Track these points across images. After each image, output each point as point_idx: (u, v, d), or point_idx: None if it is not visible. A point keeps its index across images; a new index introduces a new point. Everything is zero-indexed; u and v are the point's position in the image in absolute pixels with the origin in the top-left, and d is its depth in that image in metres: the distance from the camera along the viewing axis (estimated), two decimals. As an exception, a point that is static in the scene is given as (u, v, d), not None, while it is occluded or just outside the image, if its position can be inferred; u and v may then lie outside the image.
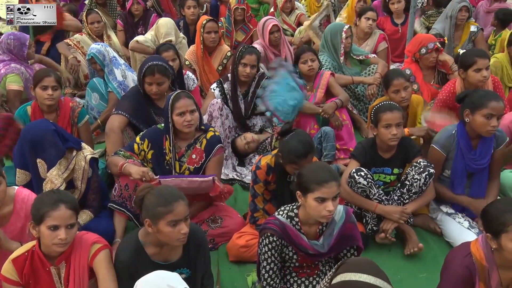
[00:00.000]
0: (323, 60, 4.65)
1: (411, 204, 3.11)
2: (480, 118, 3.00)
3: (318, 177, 2.28)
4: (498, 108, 2.97)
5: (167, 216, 2.16)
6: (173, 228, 2.17)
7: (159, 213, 2.17)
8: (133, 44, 5.31)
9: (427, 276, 2.92)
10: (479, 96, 3.03)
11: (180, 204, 2.18)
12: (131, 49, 5.36)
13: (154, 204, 2.19)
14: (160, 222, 2.17)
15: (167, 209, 2.16)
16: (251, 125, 4.27)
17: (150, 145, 3.22)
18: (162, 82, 3.63)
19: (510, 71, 4.50)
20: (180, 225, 2.18)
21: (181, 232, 2.18)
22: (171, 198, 2.18)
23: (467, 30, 5.32)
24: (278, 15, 6.07)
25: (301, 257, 2.50)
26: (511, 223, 1.98)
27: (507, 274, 2.12)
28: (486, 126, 2.99)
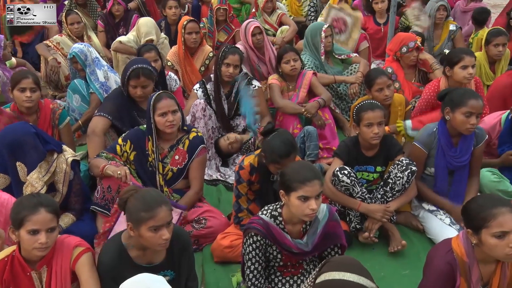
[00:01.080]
0: (305, 60, 4.67)
1: (394, 202, 3.14)
2: (460, 116, 3.04)
3: (300, 176, 2.28)
4: (477, 106, 3.01)
5: (149, 221, 2.13)
6: (155, 233, 2.15)
7: (141, 218, 2.14)
8: (116, 44, 5.26)
9: (410, 272, 2.94)
10: (458, 94, 3.08)
11: (162, 210, 2.15)
12: (114, 50, 5.31)
13: (136, 208, 2.17)
14: (142, 227, 2.15)
15: (149, 214, 2.13)
16: (235, 126, 4.27)
17: (133, 146, 3.20)
18: (146, 85, 3.60)
19: (488, 70, 4.59)
20: (162, 230, 2.15)
21: (162, 237, 2.15)
22: (153, 204, 2.15)
23: (446, 29, 5.40)
24: (260, 15, 6.07)
25: (285, 256, 2.50)
26: (491, 218, 2.01)
27: (487, 268, 2.15)
28: (466, 124, 3.04)
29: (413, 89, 4.47)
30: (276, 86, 4.29)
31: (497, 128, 3.44)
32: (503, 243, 1.99)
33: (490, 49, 4.51)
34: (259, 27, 4.98)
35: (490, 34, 4.50)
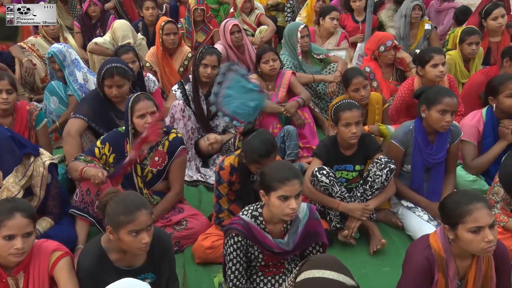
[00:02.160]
0: (284, 59, 4.69)
1: (373, 200, 3.17)
2: (435, 114, 3.09)
3: (280, 176, 2.29)
4: (452, 104, 3.07)
5: (128, 225, 2.11)
6: (135, 237, 2.13)
7: (120, 221, 2.12)
8: (91, 46, 5.20)
9: (390, 269, 2.98)
10: (433, 92, 3.13)
11: (142, 214, 2.13)
12: (89, 51, 5.25)
13: (115, 212, 2.14)
14: (121, 230, 2.13)
15: (128, 218, 2.11)
16: (214, 126, 4.26)
17: (112, 148, 3.17)
18: (122, 84, 3.57)
19: (463, 68, 4.67)
20: (142, 234, 2.13)
21: (142, 241, 2.13)
22: (133, 207, 2.13)
23: (421, 28, 5.48)
24: (238, 15, 6.07)
25: (266, 256, 2.51)
26: (467, 214, 2.04)
27: (463, 263, 2.18)
28: (441, 121, 3.09)
29: (391, 88, 4.52)
30: (255, 86, 4.29)
31: (481, 123, 3.51)
32: (479, 238, 2.02)
33: (464, 47, 4.60)
34: (238, 25, 4.99)
35: (463, 33, 4.58)
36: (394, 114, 4.09)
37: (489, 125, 3.47)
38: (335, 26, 5.37)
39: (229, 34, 4.94)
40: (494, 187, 2.97)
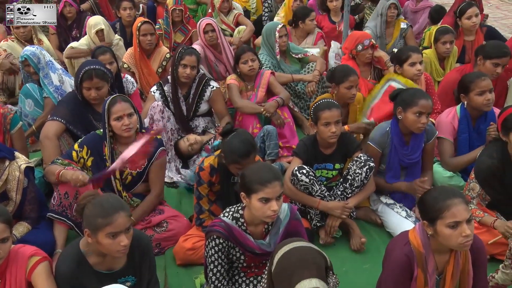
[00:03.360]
0: (263, 59, 4.69)
1: (353, 198, 3.19)
2: (411, 116, 3.13)
3: (261, 178, 2.28)
4: (427, 106, 3.13)
5: (106, 228, 2.09)
6: (113, 240, 2.11)
7: (98, 224, 2.10)
8: (68, 51, 5.12)
9: (371, 266, 3.00)
10: (409, 94, 3.17)
11: (120, 216, 2.11)
12: (67, 57, 5.16)
13: (93, 214, 2.12)
14: (99, 233, 2.11)
15: (106, 221, 2.09)
16: (194, 127, 4.24)
17: (90, 152, 3.13)
18: (101, 86, 3.53)
19: (438, 66, 4.74)
20: (120, 237, 2.11)
21: (120, 244, 2.11)
22: (111, 210, 2.11)
23: (397, 27, 5.54)
24: (216, 16, 6.05)
25: (248, 258, 2.50)
26: (445, 209, 2.07)
27: (442, 258, 2.21)
28: (417, 123, 3.14)
29: (369, 87, 4.55)
30: (234, 86, 4.29)
31: (456, 119, 3.56)
32: (457, 232, 2.05)
33: (438, 46, 4.67)
34: (211, 24, 4.97)
35: (438, 32, 4.66)
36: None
37: (464, 122, 3.53)
38: (315, 26, 5.41)
39: (203, 33, 4.93)
40: (470, 183, 3.02)
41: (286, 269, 1.85)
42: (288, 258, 1.87)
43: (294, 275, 1.81)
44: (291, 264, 1.85)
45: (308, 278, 1.80)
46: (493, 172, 2.90)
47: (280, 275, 1.86)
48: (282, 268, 1.86)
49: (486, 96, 3.38)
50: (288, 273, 1.83)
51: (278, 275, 1.88)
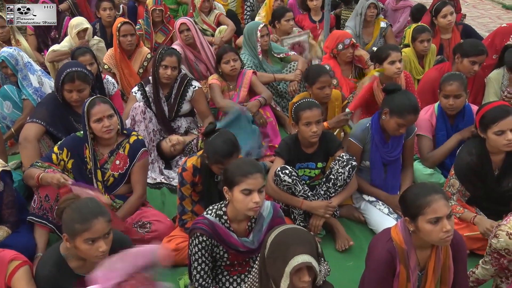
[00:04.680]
0: (244, 59, 4.69)
1: (336, 197, 3.21)
2: (393, 124, 3.16)
3: (242, 170, 2.32)
4: (412, 121, 3.18)
5: (84, 234, 2.07)
6: (91, 245, 2.09)
7: (75, 229, 2.07)
8: (50, 55, 5.03)
9: (354, 264, 3.02)
10: (401, 103, 3.13)
11: (99, 222, 2.08)
12: (49, 61, 5.07)
13: (71, 219, 2.09)
14: (77, 239, 2.08)
15: (84, 226, 2.06)
16: (176, 127, 4.22)
17: (70, 154, 3.10)
18: (82, 89, 3.49)
19: (417, 65, 4.80)
20: (98, 242, 2.09)
21: (99, 250, 2.09)
22: (89, 215, 2.08)
23: (377, 27, 5.60)
24: (197, 16, 6.02)
25: (232, 255, 2.51)
26: (426, 205, 2.09)
27: (423, 254, 2.24)
28: (395, 131, 3.19)
29: (350, 85, 4.60)
30: (216, 86, 4.28)
31: (434, 117, 3.61)
32: (438, 228, 2.08)
33: (416, 45, 4.73)
34: (186, 23, 4.95)
35: (415, 31, 4.72)
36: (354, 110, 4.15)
37: (440, 120, 3.58)
38: (291, 26, 5.40)
39: (178, 33, 4.92)
40: (450, 179, 3.06)
41: (280, 247, 1.90)
42: (282, 236, 1.93)
43: (287, 252, 1.87)
44: (285, 241, 1.91)
45: (301, 253, 1.86)
46: (472, 169, 2.94)
47: (274, 254, 1.92)
48: (277, 246, 1.92)
49: (448, 101, 3.46)
50: (281, 251, 1.89)
51: (271, 255, 1.93)
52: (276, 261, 1.91)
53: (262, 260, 2.00)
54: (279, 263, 1.89)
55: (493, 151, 2.93)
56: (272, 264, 1.93)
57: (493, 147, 2.91)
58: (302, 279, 1.89)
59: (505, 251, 2.35)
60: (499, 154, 2.94)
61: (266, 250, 1.96)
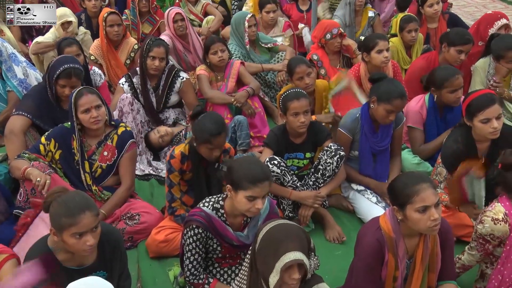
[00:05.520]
0: (232, 49, 4.67)
1: (325, 187, 3.22)
2: (382, 110, 3.17)
3: (252, 176, 2.25)
4: (401, 106, 3.19)
5: (71, 228, 2.03)
6: (78, 240, 2.06)
7: (63, 224, 2.04)
8: (34, 47, 4.94)
9: (343, 252, 3.05)
10: (388, 89, 3.16)
11: (86, 216, 2.04)
12: (33, 53, 4.99)
13: (58, 214, 2.06)
14: (64, 233, 2.05)
15: (71, 221, 2.03)
16: (164, 119, 4.20)
17: (57, 145, 3.07)
18: (76, 85, 3.45)
19: (405, 54, 4.81)
20: (86, 236, 2.06)
21: (86, 244, 2.06)
22: (76, 210, 2.04)
23: (365, 16, 5.59)
24: (184, 6, 5.97)
25: (225, 249, 2.51)
26: (414, 194, 2.11)
27: (412, 242, 2.26)
28: (385, 118, 3.20)
29: (338, 75, 4.60)
30: (204, 77, 4.26)
31: (424, 108, 3.63)
32: (425, 216, 2.10)
33: (404, 35, 4.74)
34: (181, 13, 4.92)
35: (402, 21, 4.73)
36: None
37: (431, 113, 3.60)
38: (271, 18, 5.31)
39: (172, 22, 4.87)
40: (437, 168, 3.08)
41: (272, 242, 1.90)
42: (274, 232, 1.92)
43: (279, 248, 1.86)
44: (277, 237, 1.89)
45: (293, 250, 1.85)
46: (459, 157, 2.96)
47: (265, 249, 1.91)
48: (268, 241, 1.91)
49: (457, 94, 3.45)
50: (273, 246, 1.88)
51: (262, 250, 1.92)
52: (266, 256, 1.90)
53: (252, 254, 1.99)
54: (269, 258, 1.88)
55: (479, 139, 2.95)
56: (262, 259, 1.92)
57: (479, 135, 2.93)
58: (292, 276, 1.88)
59: (490, 237, 2.39)
60: (485, 142, 2.97)
61: (257, 244, 1.95)
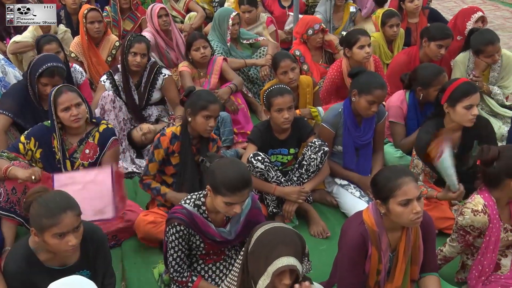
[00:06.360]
0: (214, 45, 4.65)
1: (309, 183, 3.24)
2: (364, 102, 3.20)
3: (231, 185, 2.24)
4: (381, 96, 3.20)
5: (52, 228, 2.00)
6: (60, 240, 2.03)
7: (43, 224, 2.01)
8: (12, 46, 4.85)
9: (327, 247, 3.07)
10: (367, 80, 3.21)
11: (67, 216, 2.02)
12: (11, 53, 4.90)
13: (38, 214, 2.03)
14: (45, 233, 2.02)
15: (51, 221, 2.00)
16: (147, 116, 4.17)
17: (38, 143, 3.03)
18: (58, 84, 3.41)
19: (386, 49, 4.86)
20: (68, 236, 2.03)
21: (68, 244, 2.04)
22: (57, 210, 2.01)
23: (347, 11, 5.62)
24: (166, 2, 5.92)
25: (208, 245, 2.51)
26: (397, 188, 2.13)
27: (394, 236, 2.29)
28: (367, 110, 3.22)
29: (321, 70, 4.62)
30: (187, 73, 4.25)
31: (405, 104, 3.67)
32: (408, 210, 2.12)
33: (386, 30, 4.78)
34: (165, 8, 4.90)
35: (384, 16, 4.76)
36: (325, 96, 4.18)
37: (412, 109, 3.64)
38: (247, 18, 5.26)
39: (157, 17, 4.83)
40: (414, 160, 3.13)
41: (265, 246, 1.88)
42: (268, 235, 1.90)
43: (273, 252, 1.84)
44: (271, 240, 1.88)
45: (287, 255, 1.83)
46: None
47: (258, 251, 1.90)
48: (262, 244, 1.89)
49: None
50: (266, 249, 1.86)
51: (255, 252, 1.91)
52: (258, 258, 1.88)
53: (245, 255, 1.98)
54: (261, 261, 1.86)
55: (451, 129, 3.02)
56: (254, 261, 1.91)
57: (451, 124, 3.01)
58: (283, 281, 1.86)
59: (470, 228, 2.43)
60: (456, 132, 3.04)
61: (251, 245, 1.94)
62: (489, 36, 3.92)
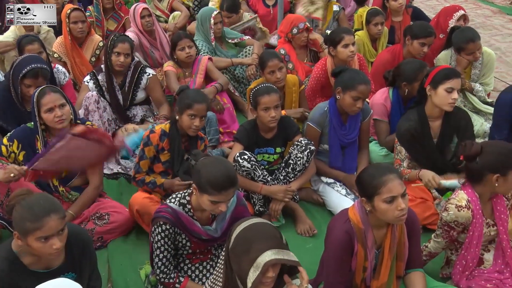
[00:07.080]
0: (199, 45, 4.63)
1: (295, 181, 3.25)
2: (348, 99, 3.22)
3: (217, 184, 2.24)
4: (366, 92, 3.22)
5: (36, 232, 1.97)
6: (44, 243, 2.00)
7: (27, 228, 1.98)
8: None
9: (313, 245, 3.08)
10: (350, 77, 3.24)
11: (51, 219, 1.98)
12: None
13: (22, 218, 1.99)
14: (29, 237, 1.99)
15: (35, 225, 1.97)
16: (131, 116, 4.15)
17: (21, 145, 2.99)
18: (41, 86, 3.37)
19: (370, 47, 4.90)
20: (52, 240, 2.00)
21: (52, 247, 2.01)
22: (41, 213, 1.98)
23: (331, 10, 5.64)
24: (150, 2, 5.88)
25: (194, 244, 2.51)
26: (382, 185, 2.15)
27: (380, 233, 2.31)
28: (353, 106, 3.24)
29: (305, 69, 4.63)
30: (172, 73, 4.23)
31: (388, 101, 3.70)
32: (393, 207, 2.14)
33: (370, 28, 4.82)
34: (148, 9, 4.87)
35: (369, 14, 4.81)
36: (311, 95, 4.20)
37: (396, 106, 3.67)
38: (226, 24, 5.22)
39: (139, 18, 4.80)
40: (397, 147, 3.19)
41: (245, 241, 1.89)
42: (247, 231, 1.91)
43: (254, 246, 1.85)
44: (251, 236, 1.89)
45: (270, 249, 1.85)
46: (412, 134, 3.08)
47: (239, 248, 1.90)
48: (242, 240, 1.90)
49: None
50: (247, 245, 1.87)
51: (236, 249, 1.91)
52: (240, 255, 1.89)
53: (226, 253, 1.99)
54: (243, 257, 1.87)
55: (431, 116, 3.10)
56: (236, 258, 1.92)
57: (432, 111, 3.07)
58: (267, 275, 1.87)
59: (455, 223, 2.46)
60: (436, 120, 3.11)
61: (231, 243, 1.94)
62: (470, 34, 3.97)
